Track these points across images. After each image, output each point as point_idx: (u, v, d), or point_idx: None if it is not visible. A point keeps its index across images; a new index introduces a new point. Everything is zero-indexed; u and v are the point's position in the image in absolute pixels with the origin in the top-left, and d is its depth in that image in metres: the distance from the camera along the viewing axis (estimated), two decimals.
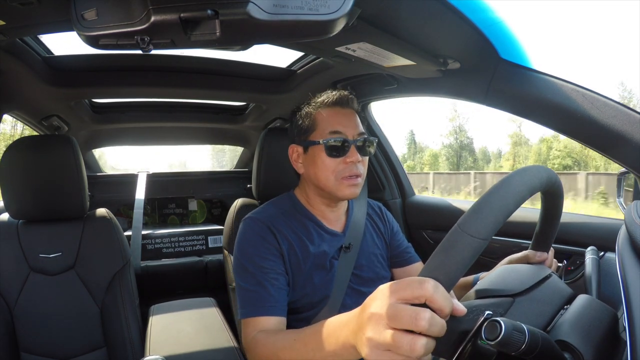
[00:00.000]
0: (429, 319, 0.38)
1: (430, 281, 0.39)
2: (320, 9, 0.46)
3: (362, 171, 0.87)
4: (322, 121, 0.87)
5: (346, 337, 0.49)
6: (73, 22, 0.47)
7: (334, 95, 0.89)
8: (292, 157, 0.93)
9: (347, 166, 0.85)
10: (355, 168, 0.85)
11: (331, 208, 0.94)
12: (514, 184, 0.45)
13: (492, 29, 0.72)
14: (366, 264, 0.93)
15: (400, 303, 0.40)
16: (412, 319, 0.38)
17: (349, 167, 0.85)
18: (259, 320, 0.77)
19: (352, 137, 0.86)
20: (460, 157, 35.69)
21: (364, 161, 0.88)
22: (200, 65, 1.26)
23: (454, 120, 36.20)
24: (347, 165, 0.85)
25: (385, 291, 0.42)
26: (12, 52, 0.93)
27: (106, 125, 1.69)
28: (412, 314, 0.38)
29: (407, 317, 0.38)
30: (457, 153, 35.74)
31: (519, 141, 33.92)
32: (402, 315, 0.39)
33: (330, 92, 0.90)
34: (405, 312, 0.39)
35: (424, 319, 0.38)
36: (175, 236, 1.90)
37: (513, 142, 34.09)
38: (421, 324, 0.38)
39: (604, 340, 0.49)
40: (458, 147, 35.99)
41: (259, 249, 0.83)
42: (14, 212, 1.09)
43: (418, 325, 0.38)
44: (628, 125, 0.66)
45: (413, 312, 0.38)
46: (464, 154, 36.13)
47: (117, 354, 1.10)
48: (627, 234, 0.53)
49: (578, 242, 0.94)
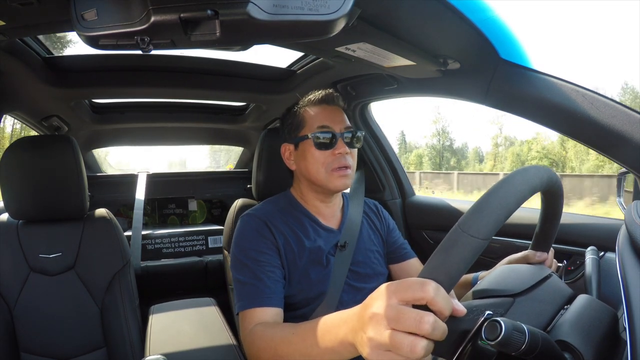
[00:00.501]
0: (432, 323, 0.38)
1: (431, 284, 0.40)
2: (320, 9, 0.46)
3: (351, 163, 0.91)
4: (310, 118, 0.92)
5: (345, 334, 0.49)
6: (73, 22, 0.47)
7: (321, 94, 0.94)
8: (285, 155, 0.97)
9: (336, 158, 0.88)
10: (344, 159, 0.88)
11: (325, 203, 0.96)
12: (515, 183, 0.45)
13: (492, 29, 0.72)
14: (363, 260, 0.95)
15: (402, 304, 0.40)
16: (416, 322, 0.39)
17: (338, 158, 0.88)
18: (256, 312, 0.78)
19: (340, 131, 0.90)
20: (442, 157, 37.42)
21: (353, 153, 0.92)
22: (200, 65, 1.26)
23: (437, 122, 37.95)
24: (336, 157, 0.88)
25: (387, 292, 0.42)
26: (12, 52, 0.93)
27: (106, 125, 1.69)
28: (416, 318, 0.39)
29: (412, 320, 0.39)
30: (440, 153, 37.50)
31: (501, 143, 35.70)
32: (406, 318, 0.39)
33: (316, 91, 0.95)
34: (409, 315, 0.39)
35: (428, 323, 0.38)
36: (175, 236, 1.90)
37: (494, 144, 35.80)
38: (425, 327, 0.38)
39: (604, 340, 0.49)
40: (440, 148, 37.68)
41: (255, 244, 0.85)
42: (13, 212, 1.09)
43: (422, 329, 0.38)
44: (628, 125, 0.66)
45: (417, 316, 0.39)
46: (445, 155, 37.83)
47: (117, 354, 1.10)
48: (627, 234, 0.53)
49: (578, 242, 0.94)
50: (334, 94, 0.94)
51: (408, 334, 0.39)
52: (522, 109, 0.80)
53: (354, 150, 0.92)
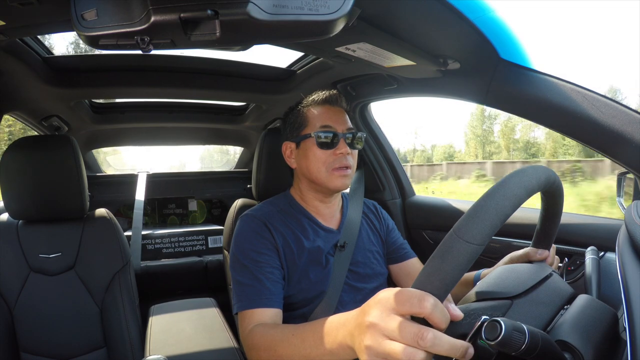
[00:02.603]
0: (431, 339, 0.38)
1: (429, 299, 0.40)
2: (320, 9, 0.46)
3: (352, 163, 0.92)
4: (313, 117, 0.92)
5: (343, 337, 0.50)
6: (73, 22, 0.47)
7: (324, 94, 0.95)
8: (286, 154, 0.97)
9: (337, 158, 0.89)
10: (345, 160, 0.89)
11: (325, 204, 0.97)
12: (511, 186, 0.45)
13: (492, 29, 0.72)
14: (362, 260, 0.95)
15: (400, 316, 0.41)
16: (416, 337, 0.39)
17: (339, 158, 0.89)
18: (256, 313, 0.78)
19: (342, 131, 0.91)
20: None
21: (354, 154, 0.93)
22: (200, 65, 1.26)
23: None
24: (337, 157, 0.89)
25: (385, 302, 0.42)
26: (12, 52, 0.93)
27: (106, 125, 1.69)
28: (417, 333, 0.39)
29: (412, 335, 0.39)
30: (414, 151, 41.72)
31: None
32: (407, 332, 0.39)
33: (320, 92, 0.96)
34: (410, 330, 0.39)
35: (427, 339, 0.38)
36: (175, 236, 1.90)
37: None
38: (424, 343, 0.38)
39: (604, 340, 0.49)
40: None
41: (255, 244, 0.86)
42: (14, 212, 1.09)
43: (421, 345, 0.39)
44: (628, 125, 0.66)
45: (418, 332, 0.39)
46: None
47: (117, 354, 1.10)
48: (627, 234, 0.53)
49: (578, 242, 0.94)
50: (337, 94, 0.96)
51: (407, 345, 0.39)
52: (522, 109, 0.80)
53: (355, 151, 0.93)
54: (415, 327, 0.40)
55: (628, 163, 0.68)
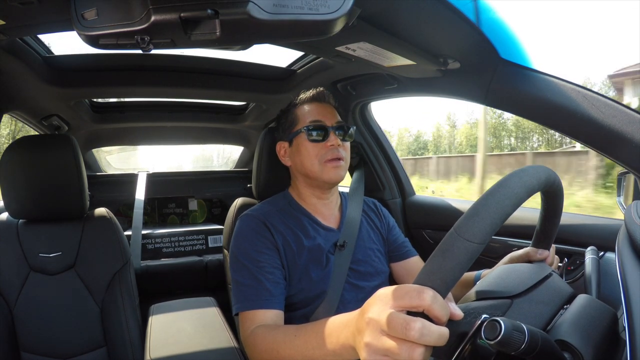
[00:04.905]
0: (419, 329, 0.38)
1: (428, 291, 0.40)
2: (320, 8, 0.46)
3: (344, 155, 0.93)
4: (302, 115, 0.95)
5: (346, 337, 0.50)
6: (73, 22, 0.47)
7: (312, 92, 0.98)
8: (280, 153, 1.00)
9: (328, 150, 0.91)
10: (337, 151, 0.91)
11: (322, 200, 0.97)
12: (511, 185, 0.45)
13: (492, 28, 0.72)
14: (363, 258, 0.95)
15: (398, 311, 0.40)
16: (402, 328, 0.38)
17: (331, 150, 0.91)
18: (257, 314, 0.78)
19: (331, 125, 0.93)
20: None
21: (345, 146, 0.94)
22: (200, 65, 1.26)
23: None
24: (328, 149, 0.91)
25: (384, 298, 0.42)
26: (12, 52, 0.93)
27: (106, 125, 1.69)
28: (403, 323, 0.39)
29: (399, 326, 0.39)
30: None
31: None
32: (394, 324, 0.39)
33: (307, 91, 0.99)
34: (397, 321, 0.39)
35: (414, 329, 0.38)
36: (175, 236, 1.90)
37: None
38: (411, 334, 0.38)
39: (603, 340, 0.49)
40: None
41: (254, 244, 0.86)
42: (13, 211, 1.09)
43: (408, 335, 0.38)
44: (628, 125, 0.66)
45: (404, 322, 0.39)
46: None
47: (117, 353, 1.10)
48: (627, 234, 0.53)
49: (578, 242, 0.94)
50: (324, 92, 0.98)
51: (405, 340, 0.39)
52: (522, 109, 0.80)
53: (346, 143, 0.95)
54: (401, 318, 0.39)
55: (628, 163, 0.68)
